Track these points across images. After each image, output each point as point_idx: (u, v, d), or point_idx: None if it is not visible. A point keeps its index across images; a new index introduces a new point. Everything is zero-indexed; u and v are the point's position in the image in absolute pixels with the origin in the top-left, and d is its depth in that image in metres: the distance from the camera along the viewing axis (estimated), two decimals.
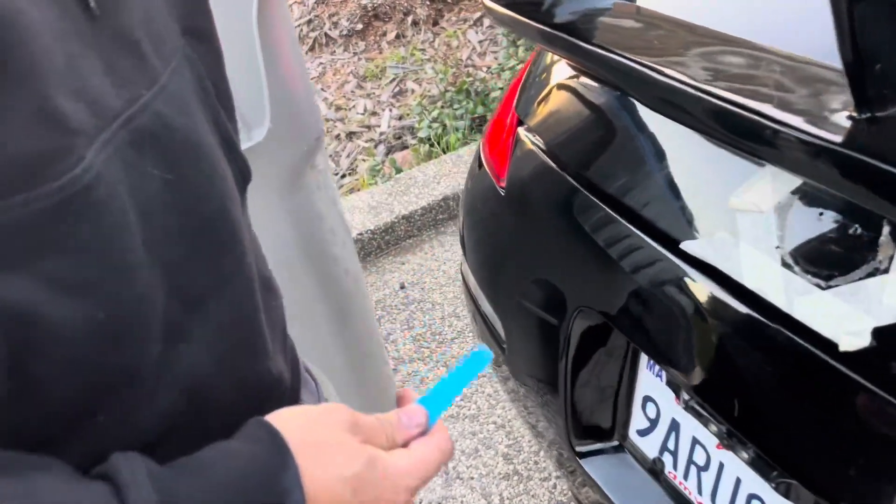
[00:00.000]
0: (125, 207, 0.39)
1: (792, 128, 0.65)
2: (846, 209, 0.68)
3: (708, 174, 0.84)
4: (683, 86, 0.77)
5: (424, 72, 3.50)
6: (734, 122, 0.71)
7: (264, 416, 0.47)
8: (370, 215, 2.51)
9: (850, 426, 0.67)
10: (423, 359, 2.01)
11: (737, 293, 0.76)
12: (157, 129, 0.43)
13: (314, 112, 1.39)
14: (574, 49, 0.95)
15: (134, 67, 0.42)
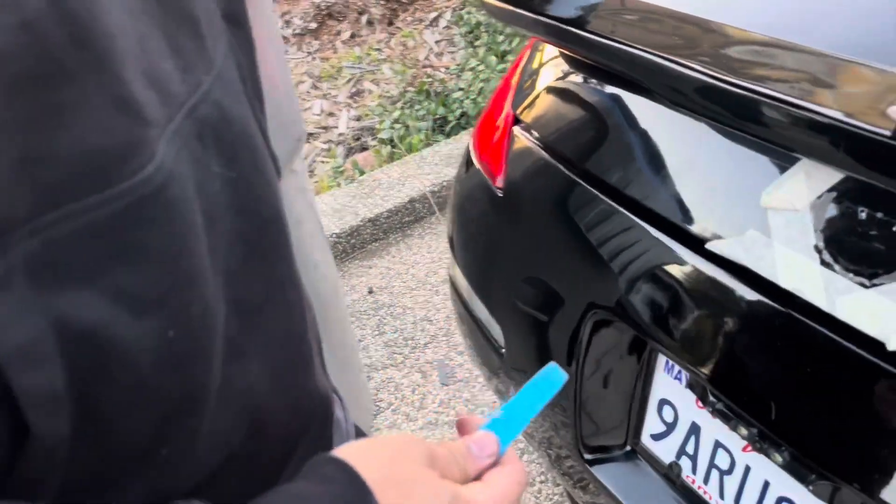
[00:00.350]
0: (194, 209, 0.34)
1: (837, 119, 0.64)
2: (888, 205, 0.67)
3: (732, 170, 0.83)
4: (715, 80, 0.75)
5: (382, 72, 3.45)
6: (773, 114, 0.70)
7: (315, 438, 0.42)
8: (334, 218, 2.45)
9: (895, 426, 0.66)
10: (396, 365, 1.96)
11: (769, 292, 0.75)
12: (218, 120, 0.38)
13: (296, 112, 1.33)
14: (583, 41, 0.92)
15: (195, 49, 0.37)
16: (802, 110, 0.66)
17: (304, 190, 1.49)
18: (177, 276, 0.33)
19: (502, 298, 1.17)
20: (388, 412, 1.83)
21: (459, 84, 3.14)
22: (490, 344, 1.22)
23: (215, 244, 0.37)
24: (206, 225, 0.36)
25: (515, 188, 1.14)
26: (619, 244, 0.94)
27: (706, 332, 0.81)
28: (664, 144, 0.92)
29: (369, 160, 2.93)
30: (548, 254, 1.07)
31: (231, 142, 0.39)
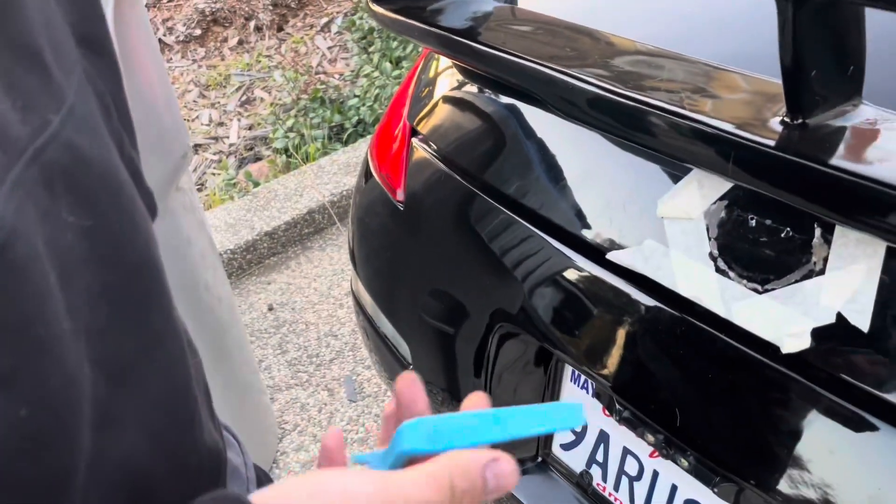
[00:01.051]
0: (45, 269, 0.29)
1: (725, 131, 0.65)
2: (777, 213, 0.69)
3: (629, 180, 0.84)
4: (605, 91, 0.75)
5: (273, 79, 3.35)
6: (662, 125, 0.71)
7: None
8: (228, 233, 2.34)
9: (792, 427, 0.68)
10: (301, 384, 1.89)
11: (668, 300, 0.76)
12: (70, 163, 0.33)
13: (178, 125, 1.25)
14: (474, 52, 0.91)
15: (39, 85, 0.32)
16: (690, 121, 0.67)
17: (193, 208, 1.41)
18: (27, 348, 0.28)
19: (407, 313, 1.15)
20: (295, 434, 1.76)
21: (355, 91, 3.09)
22: (396, 359, 1.19)
23: (74, 303, 0.32)
24: (61, 283, 0.31)
25: (416, 201, 1.12)
26: (521, 256, 0.94)
27: (609, 341, 0.82)
28: (562, 155, 0.92)
29: (264, 171, 2.83)
30: (452, 267, 1.05)
31: (88, 186, 0.35)
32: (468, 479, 0.34)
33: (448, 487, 0.33)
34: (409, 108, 1.20)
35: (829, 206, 0.60)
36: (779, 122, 0.64)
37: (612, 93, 0.74)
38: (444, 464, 0.34)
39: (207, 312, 1.41)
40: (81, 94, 0.36)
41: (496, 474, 0.34)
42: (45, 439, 0.29)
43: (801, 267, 0.66)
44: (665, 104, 0.70)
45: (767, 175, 0.63)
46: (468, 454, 0.34)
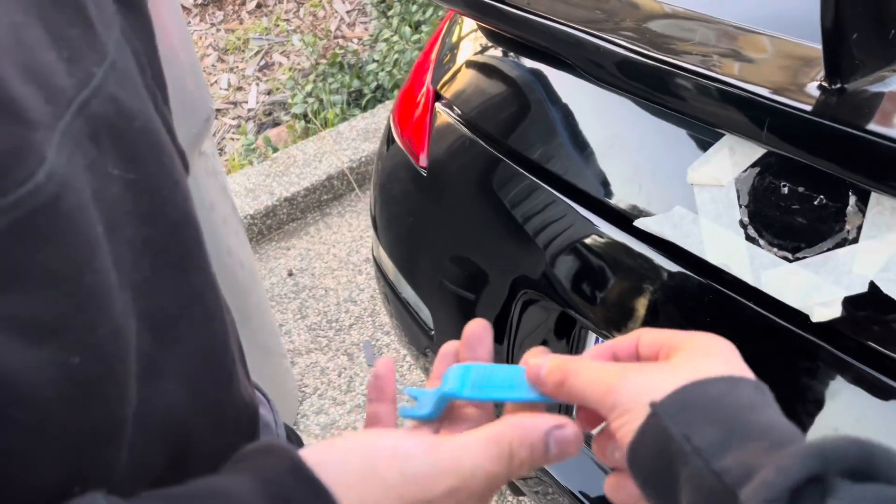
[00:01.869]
0: (93, 220, 0.30)
1: (760, 96, 0.64)
2: (811, 180, 0.68)
3: (658, 146, 0.83)
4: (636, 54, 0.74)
5: (291, 43, 3.32)
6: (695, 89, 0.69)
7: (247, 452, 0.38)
8: (248, 199, 2.35)
9: (820, 395, 0.68)
10: (321, 349, 1.91)
11: (696, 268, 0.75)
12: (114, 116, 0.34)
13: (202, 89, 1.25)
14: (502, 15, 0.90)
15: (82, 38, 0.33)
16: (723, 84, 0.66)
17: (215, 173, 1.41)
18: (78, 297, 0.29)
19: (429, 279, 1.15)
20: (315, 397, 1.79)
21: (373, 56, 3.07)
22: (418, 325, 1.19)
23: (120, 255, 0.33)
24: (108, 235, 0.32)
25: (439, 166, 1.11)
26: (545, 222, 0.93)
27: (634, 308, 0.82)
28: (589, 120, 0.91)
29: (283, 136, 2.82)
30: (475, 233, 1.05)
31: (130, 140, 0.35)
32: (528, 446, 0.32)
33: (507, 455, 0.32)
34: (433, 73, 1.19)
35: (866, 172, 0.59)
36: (816, 86, 0.63)
37: (642, 55, 0.73)
38: (502, 430, 0.33)
39: (230, 276, 1.42)
40: (121, 50, 0.36)
41: (558, 441, 0.33)
42: (96, 388, 0.30)
43: (834, 235, 0.66)
44: (697, 67, 0.69)
45: (803, 141, 0.62)
46: (529, 420, 0.33)
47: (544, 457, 0.33)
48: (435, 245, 1.13)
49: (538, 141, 0.96)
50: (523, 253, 0.97)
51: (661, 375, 0.34)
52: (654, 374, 0.34)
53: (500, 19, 0.90)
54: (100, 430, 0.31)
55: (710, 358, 0.35)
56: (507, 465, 0.32)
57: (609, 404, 0.34)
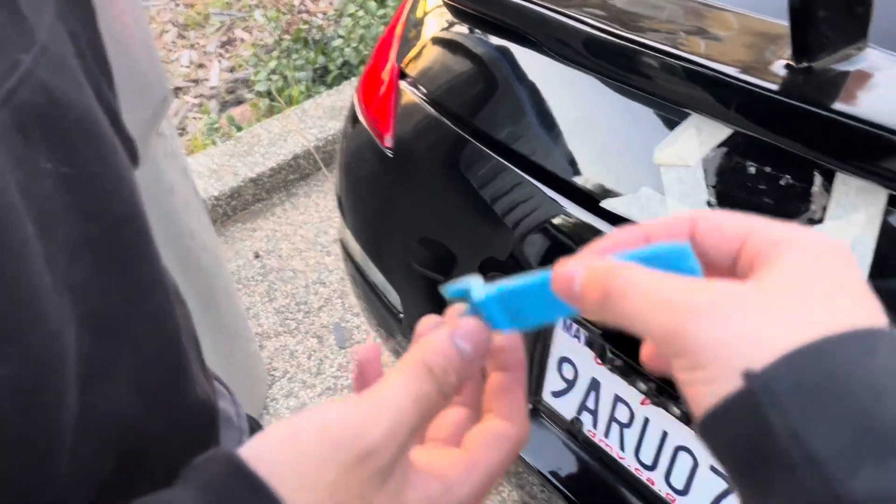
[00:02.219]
0: (22, 219, 0.28)
1: (727, 75, 0.63)
2: (777, 160, 0.67)
3: (625, 126, 0.81)
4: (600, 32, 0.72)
5: (254, 19, 3.24)
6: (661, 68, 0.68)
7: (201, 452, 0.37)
8: (212, 180, 2.30)
9: None
10: (290, 332, 1.89)
11: None
12: (46, 106, 0.31)
13: (157, 69, 1.20)
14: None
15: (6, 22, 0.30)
16: (690, 64, 0.65)
17: (175, 154, 1.37)
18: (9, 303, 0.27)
19: (397, 262, 1.13)
20: (284, 381, 1.77)
21: (339, 31, 3.00)
22: (386, 308, 1.18)
23: (55, 256, 0.31)
24: (41, 234, 0.30)
25: (405, 147, 1.09)
26: (512, 203, 0.92)
27: None
28: (555, 99, 0.90)
29: (247, 115, 2.76)
30: (442, 215, 1.03)
31: (65, 131, 0.33)
32: (440, 354, 0.31)
33: (427, 372, 0.31)
34: (397, 50, 1.16)
35: (832, 152, 0.59)
36: (783, 65, 0.62)
37: (608, 33, 0.72)
38: (410, 354, 0.32)
39: (193, 261, 1.39)
40: (55, 34, 0.34)
41: (463, 336, 0.32)
42: (31, 397, 0.28)
43: (801, 215, 0.65)
44: (664, 46, 0.67)
45: (770, 120, 0.62)
46: (433, 333, 0.32)
47: (461, 358, 0.31)
48: (402, 227, 1.11)
49: (505, 121, 0.95)
50: (491, 234, 0.95)
51: (759, 315, 0.23)
52: (748, 310, 0.23)
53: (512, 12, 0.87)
54: (38, 439, 0.29)
55: (834, 288, 0.24)
56: (432, 380, 0.30)
57: (676, 349, 0.24)
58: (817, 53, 0.60)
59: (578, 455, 0.95)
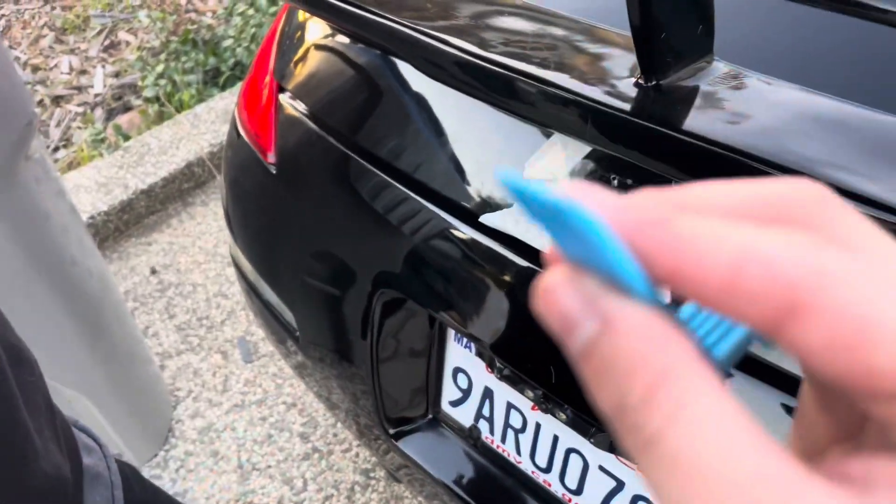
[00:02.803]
0: None
1: (582, 96, 0.65)
2: (636, 175, 0.70)
3: (500, 142, 0.82)
4: (460, 52, 0.73)
5: (138, 20, 3.09)
6: (522, 90, 0.69)
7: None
8: (101, 194, 2.19)
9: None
10: (192, 349, 1.83)
11: (537, 261, 0.77)
12: None
13: (20, 90, 1.13)
14: (334, 10, 0.86)
15: None
16: (548, 86, 0.66)
17: (48, 178, 1.29)
18: None
19: (289, 280, 1.11)
20: (189, 401, 1.71)
21: (229, 31, 2.91)
22: (282, 326, 1.16)
23: None
24: None
25: (289, 163, 1.07)
26: (398, 219, 0.92)
27: (486, 302, 0.82)
28: (434, 116, 0.90)
29: (135, 123, 2.64)
30: (331, 233, 1.02)
31: None
32: None
33: None
34: (276, 62, 1.13)
35: (681, 169, 0.62)
36: (633, 84, 0.64)
37: (472, 55, 0.72)
38: None
39: (77, 288, 1.32)
40: None
41: None
42: None
43: None
44: (524, 67, 0.68)
45: (623, 139, 0.64)
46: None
47: None
48: (292, 245, 1.09)
49: (386, 136, 0.94)
50: (379, 251, 0.95)
51: None
52: None
53: (333, 15, 0.86)
54: None
55: None
56: None
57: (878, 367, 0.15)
58: (665, 71, 0.63)
59: (479, 462, 0.96)
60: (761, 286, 0.15)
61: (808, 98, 0.61)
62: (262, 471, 1.58)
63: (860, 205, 0.52)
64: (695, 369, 0.15)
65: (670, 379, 0.15)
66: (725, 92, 0.64)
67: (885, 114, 0.57)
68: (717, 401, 0.15)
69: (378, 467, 1.54)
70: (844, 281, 0.15)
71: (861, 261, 0.15)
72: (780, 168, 0.55)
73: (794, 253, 0.15)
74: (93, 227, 2.10)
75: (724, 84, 0.65)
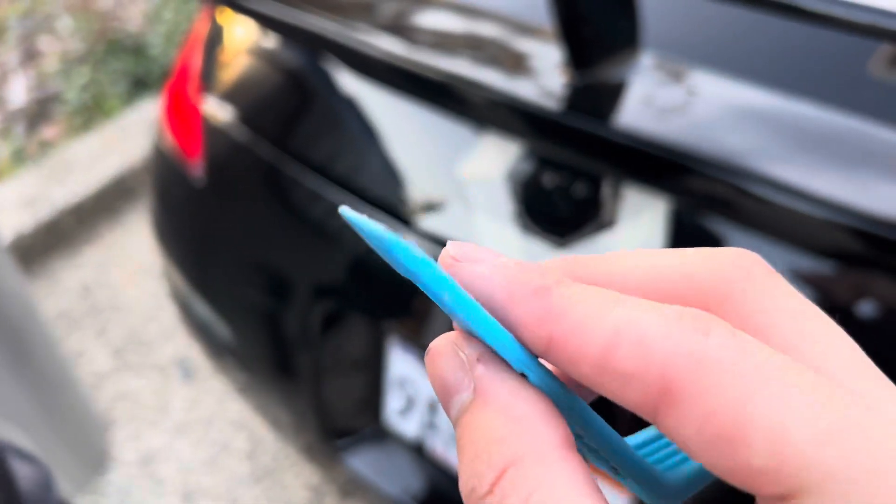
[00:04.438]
0: None
1: (507, 95, 0.63)
2: (569, 170, 0.68)
3: (433, 144, 0.80)
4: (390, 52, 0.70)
5: (59, 27, 2.96)
6: (448, 89, 0.67)
7: None
8: (25, 211, 2.08)
9: None
10: (129, 369, 1.75)
11: None
12: None
13: None
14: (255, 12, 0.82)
15: None
16: (478, 87, 0.64)
17: None
18: None
19: (225, 294, 1.07)
20: (127, 424, 1.64)
21: (156, 36, 2.81)
22: (219, 342, 1.11)
23: None
24: None
25: (218, 173, 1.02)
26: (335, 227, 0.88)
27: (427, 309, 0.80)
28: (366, 118, 0.87)
29: (60, 134, 2.52)
30: (264, 245, 0.98)
31: None
32: None
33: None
34: (201, 65, 1.08)
35: (609, 165, 0.60)
36: (561, 79, 0.62)
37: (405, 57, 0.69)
38: None
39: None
40: None
41: None
42: None
43: (594, 221, 0.67)
44: (451, 67, 0.66)
45: (551, 137, 0.62)
46: None
47: None
48: (225, 258, 1.04)
49: (317, 141, 0.91)
50: (316, 261, 0.92)
51: None
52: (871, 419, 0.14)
53: (260, 18, 0.82)
54: None
55: None
56: None
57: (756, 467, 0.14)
58: (591, 67, 0.61)
59: (428, 473, 0.94)
60: (633, 366, 0.14)
61: (737, 90, 0.60)
62: (207, 493, 1.52)
63: (787, 195, 0.51)
64: (555, 457, 0.14)
65: (522, 466, 0.14)
66: (652, 86, 0.63)
67: (815, 105, 0.57)
68: (572, 492, 0.14)
69: (328, 482, 1.50)
70: (721, 369, 0.14)
71: (750, 349, 0.14)
72: (708, 162, 0.54)
73: (671, 333, 0.14)
74: (18, 249, 1.99)
75: (650, 77, 0.64)
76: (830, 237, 0.51)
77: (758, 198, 0.52)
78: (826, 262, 0.55)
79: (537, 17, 0.72)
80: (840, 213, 0.48)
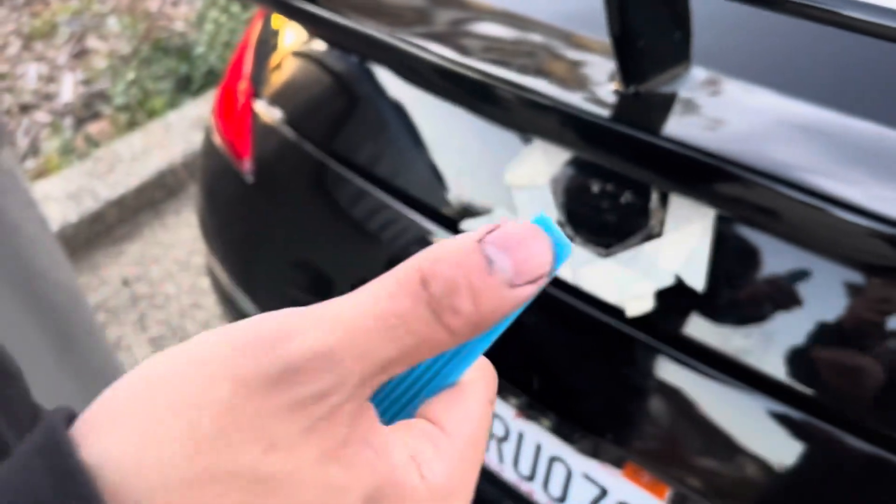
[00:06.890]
0: None
1: (561, 102, 0.65)
2: (618, 178, 0.70)
3: (481, 148, 0.82)
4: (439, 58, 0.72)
5: (107, 27, 3.05)
6: (501, 97, 0.69)
7: None
8: (70, 204, 2.15)
9: (640, 384, 0.71)
10: None
11: None
12: None
13: None
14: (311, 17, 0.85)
15: None
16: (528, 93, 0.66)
17: (17, 188, 1.26)
18: None
19: (269, 291, 1.10)
20: None
21: (202, 37, 2.88)
22: None
23: None
24: None
25: (266, 171, 1.05)
26: (378, 227, 0.91)
27: None
28: (413, 122, 0.89)
29: (106, 131, 2.60)
30: (310, 242, 1.01)
31: None
32: (449, 263, 0.19)
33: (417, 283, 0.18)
34: (252, 67, 1.12)
35: (660, 174, 0.62)
36: (612, 91, 0.64)
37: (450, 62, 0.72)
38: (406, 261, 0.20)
39: (45, 303, 1.29)
40: None
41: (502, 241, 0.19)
42: None
43: (641, 230, 0.68)
44: (502, 74, 0.68)
45: (602, 145, 0.64)
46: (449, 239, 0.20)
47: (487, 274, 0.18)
48: (271, 255, 1.08)
49: (364, 143, 0.93)
50: (359, 260, 0.94)
51: None
52: None
53: (309, 21, 0.85)
54: None
55: None
56: (421, 298, 0.18)
57: None
58: (643, 78, 0.63)
59: None
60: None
61: (786, 104, 0.61)
62: None
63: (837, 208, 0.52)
64: None
65: None
66: (703, 98, 0.64)
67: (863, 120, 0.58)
68: None
69: None
70: None
71: None
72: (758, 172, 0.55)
73: None
74: (62, 239, 2.05)
75: (701, 90, 0.65)
76: (878, 250, 0.52)
77: (805, 208, 0.53)
78: (872, 274, 0.56)
79: (589, 29, 0.74)
80: (889, 225, 0.49)
